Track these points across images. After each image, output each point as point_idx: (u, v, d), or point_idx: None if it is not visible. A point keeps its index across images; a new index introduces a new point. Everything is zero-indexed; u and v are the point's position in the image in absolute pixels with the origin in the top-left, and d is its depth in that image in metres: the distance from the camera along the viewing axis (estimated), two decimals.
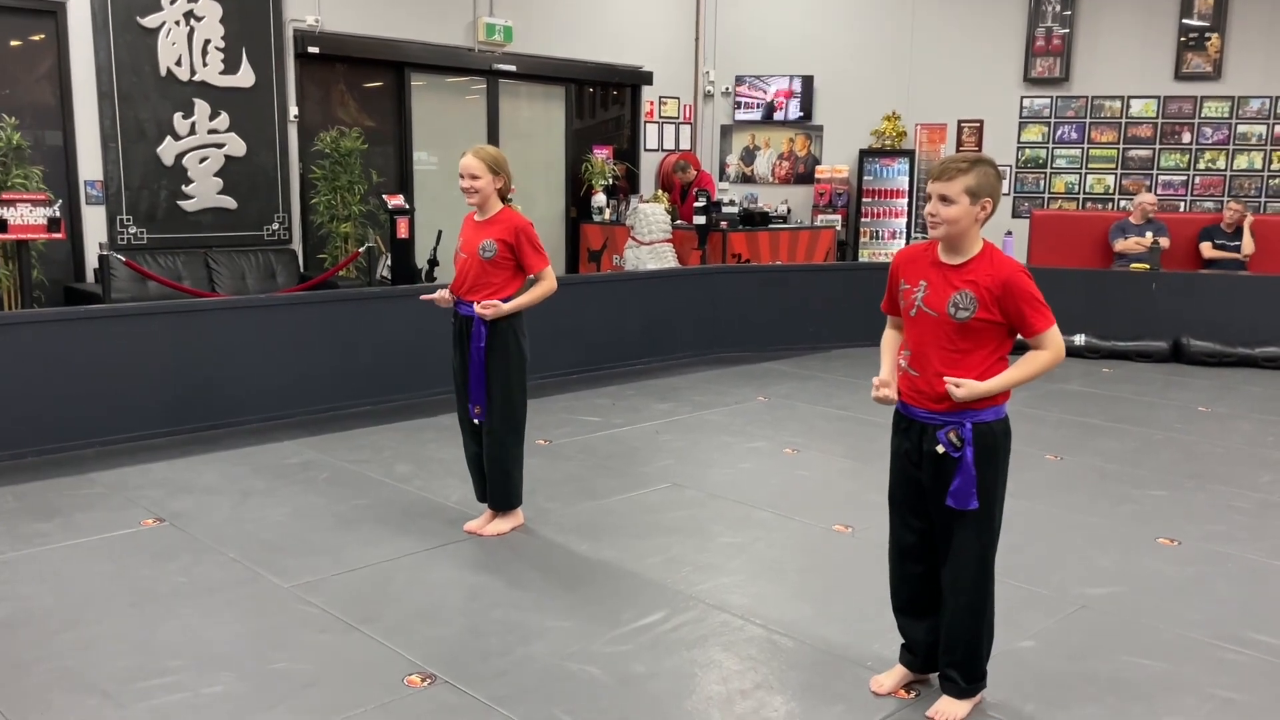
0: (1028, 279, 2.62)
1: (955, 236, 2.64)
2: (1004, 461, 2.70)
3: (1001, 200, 2.71)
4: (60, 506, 4.34)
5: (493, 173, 3.98)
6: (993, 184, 2.63)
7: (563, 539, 4.09)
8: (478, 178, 3.95)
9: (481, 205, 4.03)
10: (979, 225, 2.64)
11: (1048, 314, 2.62)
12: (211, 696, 2.83)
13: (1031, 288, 2.62)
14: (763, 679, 3.00)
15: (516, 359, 3.99)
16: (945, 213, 2.61)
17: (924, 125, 11.70)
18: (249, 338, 5.67)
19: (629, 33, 11.11)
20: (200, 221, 8.28)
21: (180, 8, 7.95)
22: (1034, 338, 2.65)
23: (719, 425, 5.96)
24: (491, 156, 4.02)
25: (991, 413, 2.65)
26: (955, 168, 2.61)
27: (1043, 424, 6.10)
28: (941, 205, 2.61)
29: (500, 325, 3.94)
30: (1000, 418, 2.68)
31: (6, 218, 6.51)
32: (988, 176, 2.61)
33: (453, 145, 10.09)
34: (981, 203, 2.60)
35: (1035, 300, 2.61)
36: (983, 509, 2.65)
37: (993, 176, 2.63)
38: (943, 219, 2.61)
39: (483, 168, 3.96)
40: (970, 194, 2.59)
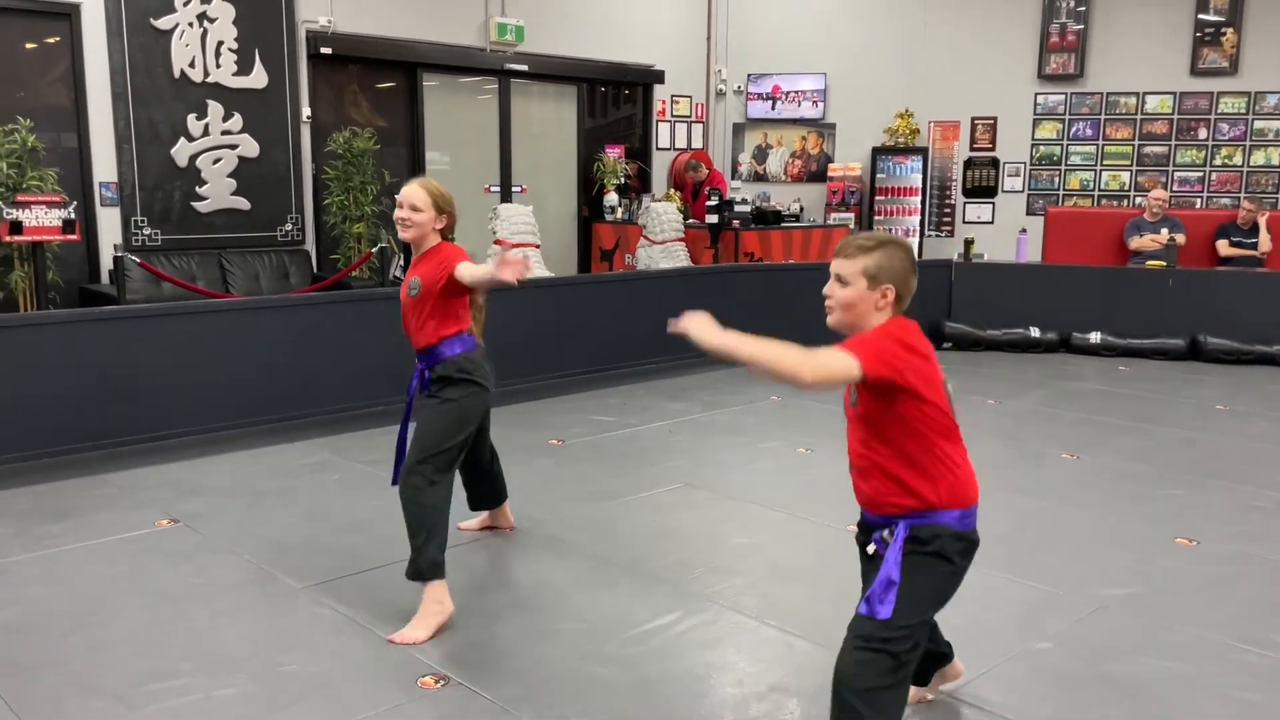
0: (876, 332, 2.24)
1: (848, 325, 2.28)
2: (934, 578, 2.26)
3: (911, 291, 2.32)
4: (74, 508, 4.36)
5: (436, 209, 3.44)
6: (898, 270, 2.26)
7: (575, 539, 4.08)
8: (419, 210, 3.41)
9: (416, 242, 3.47)
10: (883, 312, 2.27)
11: (862, 343, 2.19)
12: (224, 699, 2.83)
13: (872, 335, 2.23)
14: (778, 681, 2.98)
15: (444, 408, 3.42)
16: (838, 295, 2.28)
17: (937, 122, 11.65)
18: (263, 338, 5.68)
19: (641, 32, 11.09)
20: (214, 222, 8.30)
21: (193, 9, 7.98)
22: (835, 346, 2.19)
23: (731, 425, 5.94)
24: (439, 192, 3.47)
25: (937, 517, 2.25)
26: (857, 246, 2.28)
27: (1059, 422, 6.06)
28: (836, 286, 2.29)
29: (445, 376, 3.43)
30: (947, 526, 2.25)
31: (22, 219, 6.55)
32: (894, 260, 2.26)
33: (465, 145, 10.11)
34: (882, 288, 2.25)
35: (864, 337, 2.23)
36: (893, 620, 2.19)
37: (900, 261, 2.27)
38: (835, 302, 2.29)
39: (427, 201, 3.42)
40: (869, 277, 2.25)
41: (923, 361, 2.26)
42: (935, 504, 2.26)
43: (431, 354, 3.44)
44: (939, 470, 2.26)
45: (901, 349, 2.22)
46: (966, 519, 2.31)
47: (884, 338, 2.22)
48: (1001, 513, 4.49)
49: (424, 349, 3.46)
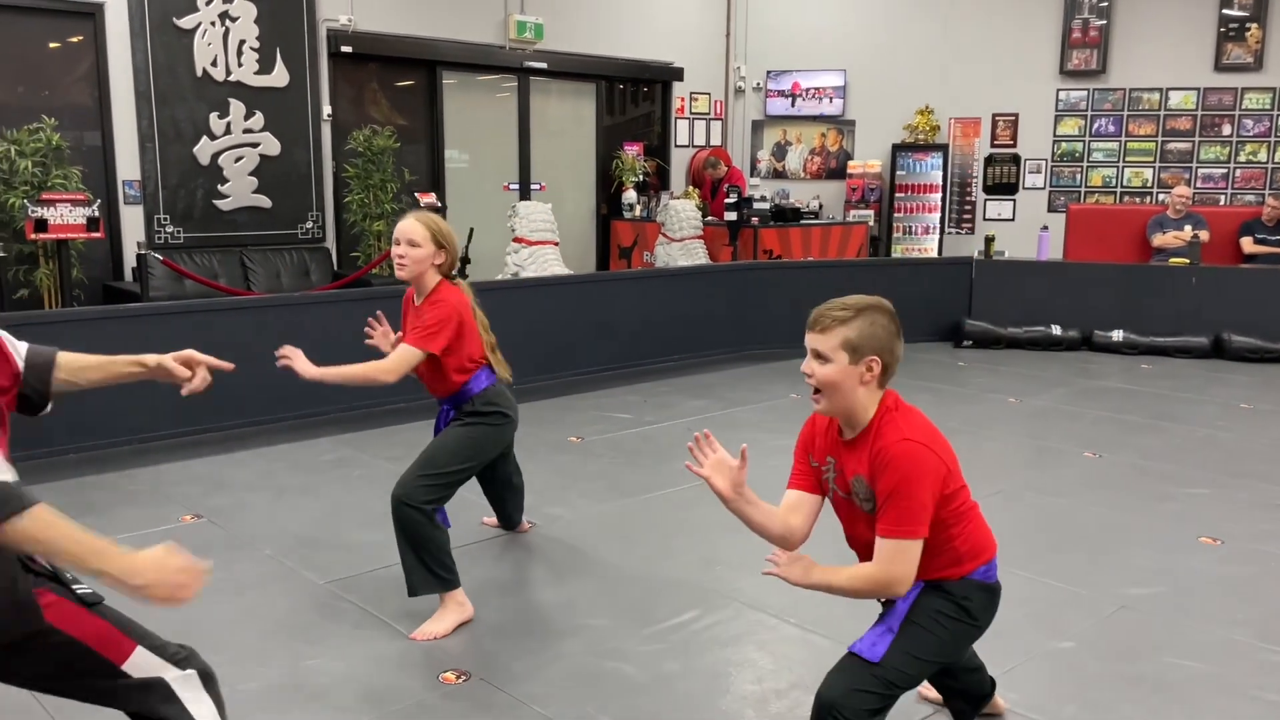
0: (916, 459, 2.05)
1: (839, 410, 2.14)
2: (944, 632, 2.17)
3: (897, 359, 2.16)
4: (101, 503, 4.40)
5: (436, 244, 3.29)
6: (881, 338, 2.10)
7: (595, 536, 4.09)
8: (416, 245, 3.27)
9: (415, 280, 3.34)
10: (870, 390, 2.11)
11: (910, 524, 2.04)
12: (248, 693, 2.85)
13: (912, 486, 2.04)
14: (798, 678, 2.98)
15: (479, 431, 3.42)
16: (820, 373, 2.10)
17: (958, 119, 11.59)
18: (283, 336, 5.69)
19: (660, 29, 11.09)
20: (236, 220, 8.36)
21: (216, 9, 8.03)
22: (879, 538, 2.06)
23: (751, 422, 5.94)
24: (438, 226, 3.32)
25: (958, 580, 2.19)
26: (833, 315, 2.10)
27: (1080, 420, 6.02)
28: (816, 363, 2.12)
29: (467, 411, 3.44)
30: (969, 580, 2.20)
31: (47, 217, 6.60)
32: (874, 326, 2.10)
33: (484, 143, 10.14)
34: (867, 361, 2.09)
35: (908, 501, 2.04)
36: (881, 665, 2.11)
37: (882, 327, 2.11)
38: (817, 381, 2.11)
39: (425, 235, 3.27)
40: (851, 350, 2.08)
41: (952, 467, 2.14)
42: (953, 576, 2.20)
43: (455, 398, 3.45)
44: (959, 549, 2.19)
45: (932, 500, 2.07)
46: (988, 572, 2.25)
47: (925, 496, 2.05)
48: (1022, 511, 4.47)
49: (445, 397, 3.47)
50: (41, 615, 1.78)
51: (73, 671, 1.85)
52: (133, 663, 1.87)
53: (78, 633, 1.82)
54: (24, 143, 6.96)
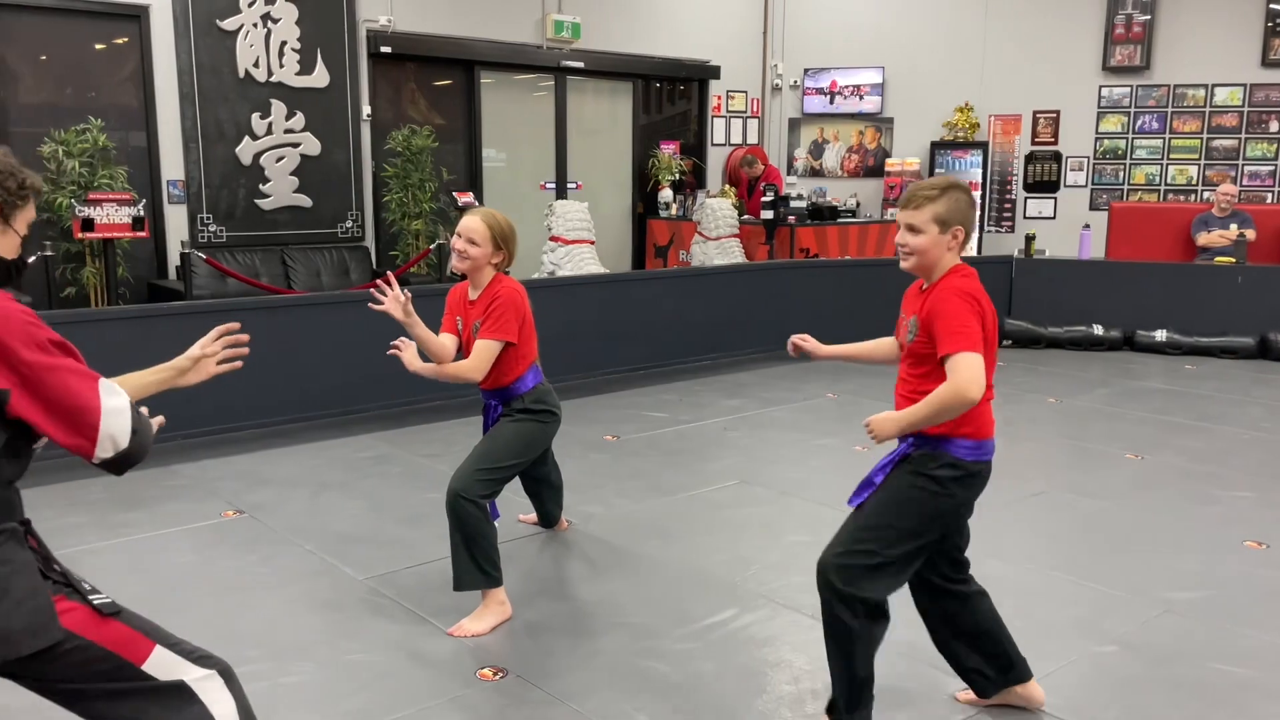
0: (955, 299, 2.38)
1: (926, 268, 2.49)
2: (921, 502, 2.44)
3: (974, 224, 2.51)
4: (146, 497, 4.48)
5: (494, 245, 3.40)
6: (964, 211, 2.47)
7: (630, 535, 4.10)
8: (475, 244, 3.37)
9: (471, 275, 3.46)
10: (953, 254, 2.48)
11: (961, 339, 2.32)
12: (290, 685, 2.89)
13: (953, 307, 2.36)
14: None
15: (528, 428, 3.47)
16: (913, 242, 2.47)
17: (998, 116, 11.47)
18: (324, 333, 5.79)
19: (696, 27, 11.07)
20: (277, 219, 8.46)
21: (258, 10, 8.13)
22: (943, 361, 2.36)
23: (788, 422, 5.92)
24: (499, 226, 3.42)
25: (941, 444, 2.43)
26: (924, 195, 2.47)
27: (1123, 421, 5.94)
28: (910, 235, 2.48)
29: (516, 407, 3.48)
30: (947, 453, 2.43)
31: (93, 217, 6.73)
32: (958, 203, 2.46)
33: (521, 142, 10.18)
34: (953, 230, 2.45)
35: (951, 320, 2.35)
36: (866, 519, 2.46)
37: (964, 203, 2.47)
38: (912, 249, 2.48)
39: (485, 235, 3.38)
40: (940, 222, 2.44)
41: (990, 321, 2.43)
42: (950, 434, 2.43)
43: (503, 393, 3.48)
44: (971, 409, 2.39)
45: (978, 324, 2.37)
46: (978, 450, 2.47)
47: (967, 314, 2.36)
48: (1063, 513, 4.42)
49: (493, 390, 3.48)
50: (59, 623, 1.77)
51: (95, 675, 1.82)
52: (153, 662, 1.85)
53: (96, 636, 1.81)
54: (71, 143, 7.10)
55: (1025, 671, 2.74)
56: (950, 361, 2.33)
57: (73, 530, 4.07)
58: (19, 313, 1.73)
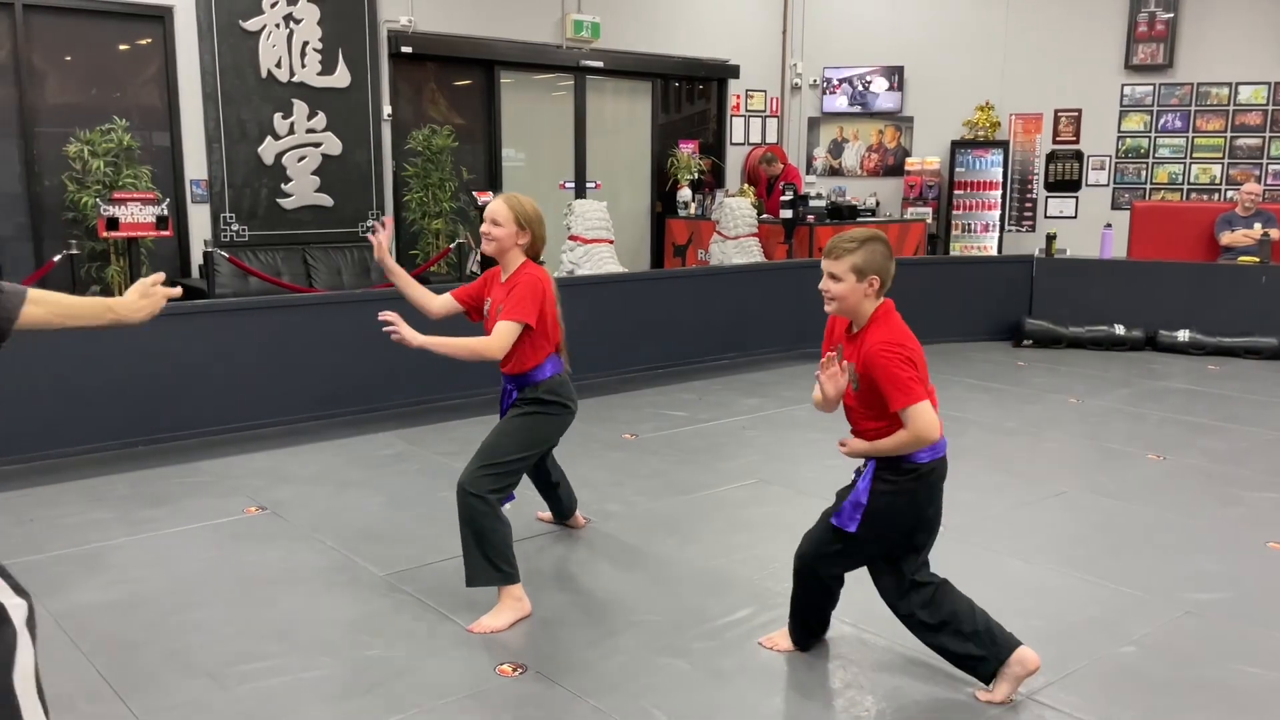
0: (888, 354, 2.64)
1: (848, 311, 2.78)
2: (904, 509, 2.77)
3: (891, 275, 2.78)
4: (169, 494, 4.52)
5: (518, 225, 3.46)
6: (879, 262, 2.71)
7: (649, 533, 4.11)
8: (499, 225, 3.45)
9: (500, 257, 3.51)
10: (870, 299, 2.75)
11: (908, 391, 2.63)
12: (311, 680, 2.92)
13: (889, 365, 2.64)
14: (852, 678, 2.97)
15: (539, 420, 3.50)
16: (834, 289, 2.75)
17: (1019, 115, 11.42)
18: (344, 332, 5.82)
19: (716, 26, 11.07)
20: (298, 219, 8.52)
21: (280, 11, 8.19)
22: (898, 414, 2.67)
23: (806, 421, 5.91)
24: (521, 208, 3.48)
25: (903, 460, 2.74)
26: (843, 247, 2.73)
27: (1145, 422, 5.91)
28: (831, 282, 2.76)
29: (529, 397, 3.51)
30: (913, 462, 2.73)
31: (118, 216, 6.80)
32: (875, 254, 2.71)
33: (541, 141, 10.21)
34: (869, 279, 2.71)
35: (892, 379, 2.64)
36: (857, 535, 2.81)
37: (880, 254, 2.72)
38: (833, 295, 2.76)
39: (508, 216, 3.45)
40: (857, 271, 2.70)
41: (919, 360, 2.70)
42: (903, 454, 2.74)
43: (520, 379, 3.50)
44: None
45: (911, 366, 2.66)
46: (933, 451, 2.75)
47: (902, 368, 2.65)
48: (1084, 513, 4.40)
49: (512, 375, 3.51)
50: None
51: None
52: None
53: None
54: (96, 143, 7.17)
55: (1011, 639, 2.80)
56: (905, 415, 2.65)
57: (96, 525, 4.11)
58: None
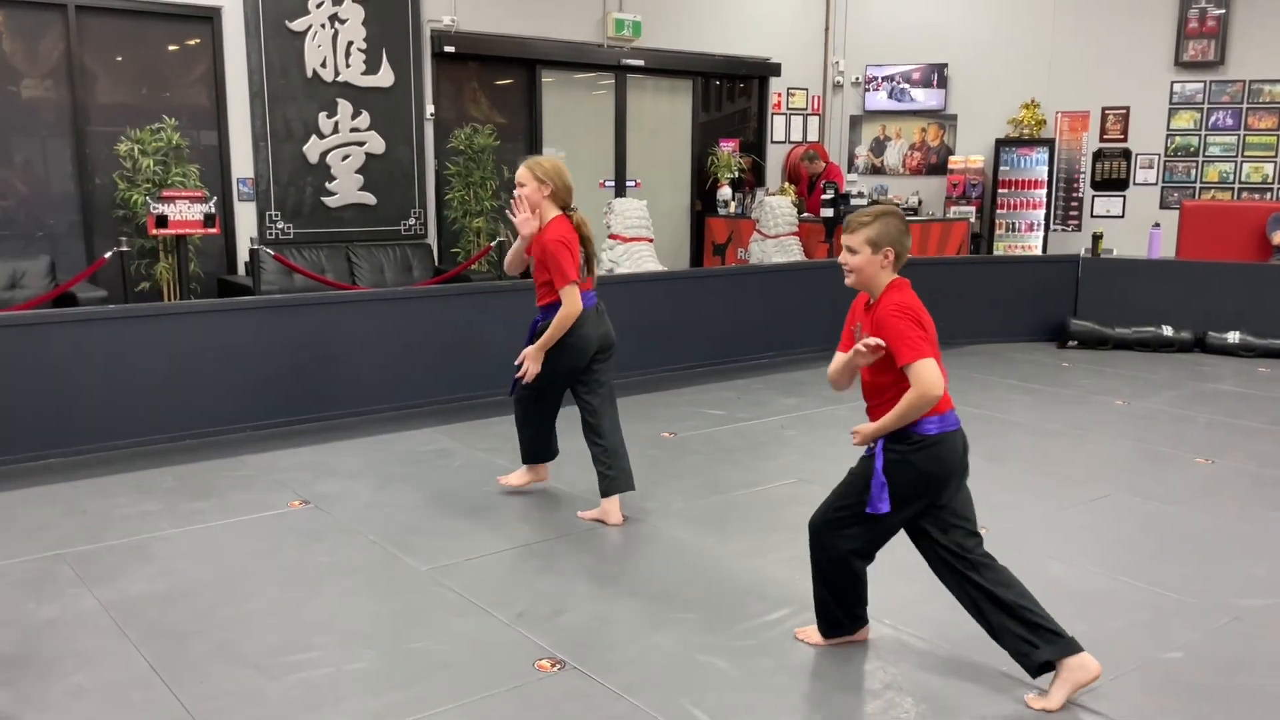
0: (898, 313, 2.77)
1: (864, 283, 2.90)
2: (911, 480, 2.84)
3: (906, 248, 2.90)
4: (216, 487, 4.60)
5: (538, 180, 4.02)
6: (893, 235, 2.85)
7: (688, 532, 4.11)
8: (523, 185, 4.03)
9: (534, 211, 4.06)
10: (886, 271, 2.87)
11: (914, 347, 2.73)
12: (354, 673, 2.96)
13: (899, 323, 2.76)
14: (892, 679, 2.96)
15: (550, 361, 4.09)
16: (851, 261, 2.90)
17: (1065, 113, 11.26)
18: (387, 329, 5.89)
19: (757, 24, 11.04)
20: (342, 217, 8.62)
21: (325, 11, 8.29)
22: (903, 370, 2.76)
23: (846, 421, 5.88)
24: (540, 164, 4.05)
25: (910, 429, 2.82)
26: (859, 221, 2.88)
27: (1192, 425, 5.81)
28: (849, 255, 2.90)
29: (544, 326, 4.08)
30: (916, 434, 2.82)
31: (167, 214, 6.92)
32: (888, 228, 2.85)
33: (581, 140, 10.24)
34: (884, 251, 2.85)
35: (900, 335, 2.75)
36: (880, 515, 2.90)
37: (894, 228, 2.86)
38: (851, 267, 2.91)
39: (528, 175, 4.02)
40: (872, 244, 2.85)
41: (929, 326, 2.80)
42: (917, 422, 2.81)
43: (546, 310, 4.10)
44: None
45: (920, 330, 2.76)
46: (943, 422, 2.84)
47: (911, 327, 2.76)
48: (1129, 517, 4.34)
49: (541, 306, 4.13)
50: None
51: None
52: None
53: None
54: (146, 142, 7.31)
55: (1075, 642, 2.77)
56: (910, 370, 2.74)
57: (145, 518, 4.20)
58: None
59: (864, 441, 2.90)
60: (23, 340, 4.91)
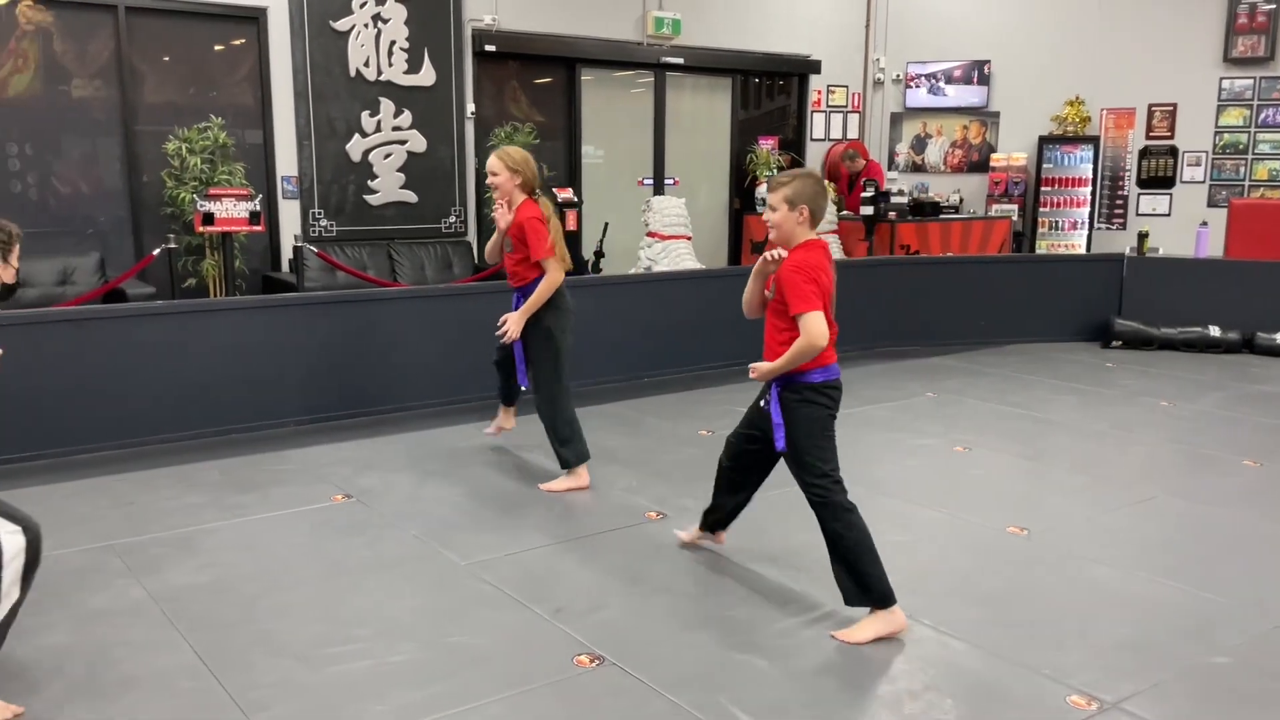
0: (797, 268, 3.09)
1: (783, 238, 3.18)
2: (808, 417, 3.21)
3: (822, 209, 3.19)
4: (259, 481, 4.67)
5: (510, 170, 4.32)
6: (808, 194, 3.12)
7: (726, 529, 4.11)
8: (496, 174, 4.34)
9: (506, 202, 4.38)
10: (803, 227, 3.15)
11: (805, 300, 3.06)
12: (395, 665, 2.99)
13: (795, 276, 3.08)
14: (932, 680, 2.94)
15: (544, 342, 4.45)
16: (771, 218, 3.18)
17: (1110, 110, 11.10)
18: (427, 325, 5.94)
19: (797, 21, 10.99)
20: (384, 215, 8.71)
21: (369, 11, 8.37)
22: (794, 319, 3.11)
23: (885, 421, 5.85)
24: (510, 155, 4.33)
25: (797, 378, 3.19)
26: (778, 181, 3.17)
27: (1240, 427, 5.71)
28: (770, 212, 3.19)
29: (531, 317, 4.41)
30: (803, 382, 3.18)
31: (213, 211, 7.02)
32: (805, 186, 3.13)
33: (620, 138, 10.25)
34: (799, 209, 3.12)
35: (795, 285, 3.08)
36: (792, 451, 3.25)
37: (809, 187, 3.13)
38: (771, 223, 3.19)
39: (500, 165, 4.32)
40: (788, 202, 3.12)
41: (825, 285, 3.12)
42: (804, 371, 3.18)
43: (524, 290, 4.42)
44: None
45: (814, 285, 3.09)
46: (826, 373, 3.20)
47: (805, 282, 3.08)
48: (1175, 520, 4.28)
49: (519, 288, 4.44)
50: None
51: None
52: None
53: None
54: (194, 140, 7.42)
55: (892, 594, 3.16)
56: (800, 320, 3.09)
57: (191, 510, 4.27)
58: None
59: (761, 378, 3.25)
60: (73, 335, 5.01)
